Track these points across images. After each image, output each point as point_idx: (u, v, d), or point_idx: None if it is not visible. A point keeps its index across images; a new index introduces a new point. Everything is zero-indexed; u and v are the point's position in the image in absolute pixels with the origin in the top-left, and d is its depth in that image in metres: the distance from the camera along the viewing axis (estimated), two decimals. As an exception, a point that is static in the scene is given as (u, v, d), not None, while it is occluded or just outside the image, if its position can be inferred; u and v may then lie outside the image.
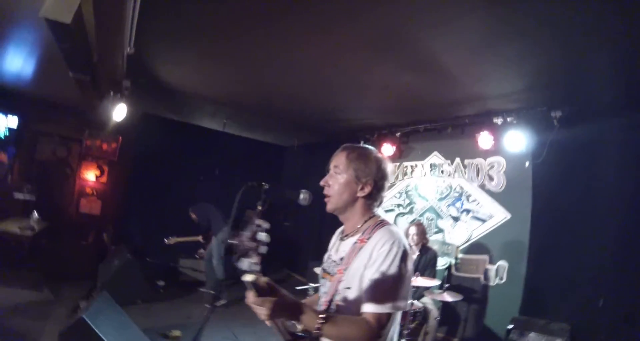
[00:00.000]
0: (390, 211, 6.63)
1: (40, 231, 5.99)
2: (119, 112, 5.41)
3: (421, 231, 4.98)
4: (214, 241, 6.05)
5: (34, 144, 7.16)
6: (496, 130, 5.03)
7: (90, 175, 7.47)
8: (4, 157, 6.82)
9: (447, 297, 4.25)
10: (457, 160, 5.79)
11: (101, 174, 7.56)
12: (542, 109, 4.54)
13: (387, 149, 6.38)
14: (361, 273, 1.48)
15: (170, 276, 6.95)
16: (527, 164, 4.86)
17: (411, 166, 6.49)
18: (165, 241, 6.24)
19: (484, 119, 5.18)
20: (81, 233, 7.10)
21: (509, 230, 5.01)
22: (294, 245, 8.76)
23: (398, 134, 6.42)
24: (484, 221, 5.29)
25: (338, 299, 1.54)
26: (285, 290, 1.40)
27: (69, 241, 6.75)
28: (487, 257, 5.15)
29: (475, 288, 5.17)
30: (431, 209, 6.06)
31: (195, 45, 4.19)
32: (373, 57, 3.92)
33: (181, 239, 6.31)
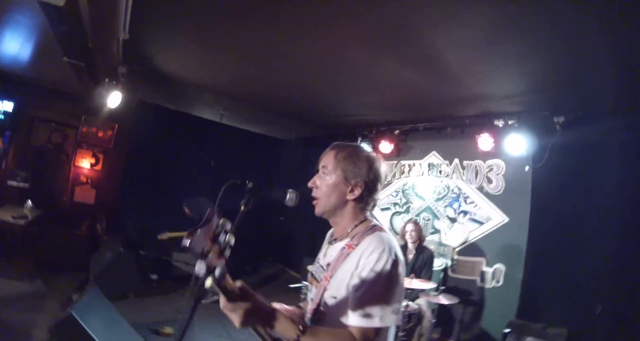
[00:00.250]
0: (387, 209, 6.57)
1: (33, 220, 5.89)
2: (113, 99, 5.31)
3: (418, 229, 4.99)
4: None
5: (29, 130, 7.01)
6: (497, 132, 4.99)
7: (85, 163, 7.32)
8: (-1, 142, 6.70)
9: (443, 300, 4.21)
10: (456, 161, 5.73)
11: (96, 162, 7.41)
12: (545, 114, 4.50)
13: (385, 147, 6.33)
14: (347, 282, 1.38)
15: (163, 269, 6.85)
16: (526, 168, 4.83)
17: (409, 165, 6.42)
18: (157, 237, 6.18)
19: (484, 121, 5.14)
20: (74, 222, 6.97)
21: (506, 233, 4.98)
22: (288, 240, 8.72)
23: (397, 131, 6.35)
24: (481, 223, 5.25)
25: (324, 308, 1.45)
26: (279, 287, 1.31)
27: (61, 231, 6.61)
28: (484, 259, 5.12)
29: (471, 290, 5.15)
30: (428, 209, 6.01)
31: (193, 33, 4.06)
32: (376, 52, 3.83)
33: (174, 234, 6.23)
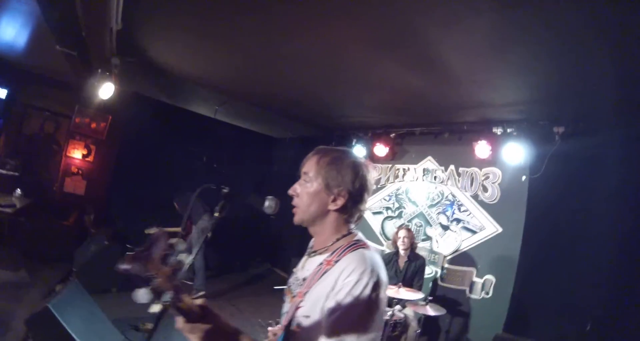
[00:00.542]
0: (379, 213, 6.46)
1: (21, 209, 5.79)
2: (105, 91, 5.22)
3: (411, 236, 4.92)
4: (193, 231, 5.88)
5: (22, 118, 6.92)
6: (495, 140, 4.90)
7: (76, 153, 7.28)
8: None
9: (430, 311, 4.09)
10: (452, 167, 5.62)
11: (88, 153, 7.38)
12: (545, 123, 4.41)
13: (380, 150, 6.23)
14: (322, 304, 1.24)
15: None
16: (523, 178, 4.72)
17: (403, 169, 6.31)
18: (145, 232, 6.09)
19: (483, 128, 5.04)
20: (63, 213, 6.87)
21: (499, 244, 4.86)
22: (278, 240, 8.61)
23: (393, 135, 6.24)
24: (474, 232, 5.14)
25: (295, 326, 1.32)
26: (266, 287, 1.20)
27: (49, 221, 6.52)
28: (474, 270, 5.01)
29: (459, 300, 5.05)
30: (421, 215, 5.90)
31: (188, 25, 3.93)
32: (377, 52, 3.72)
33: (162, 230, 6.13)
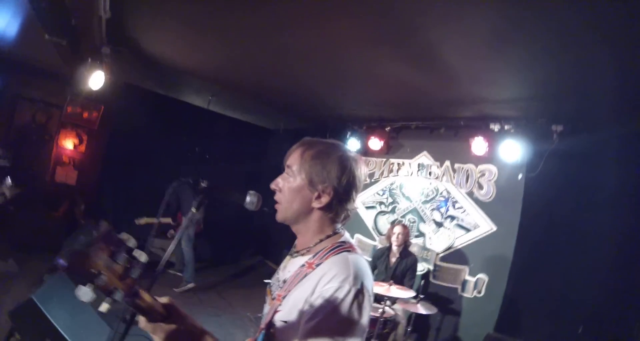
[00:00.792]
0: (372, 208, 6.38)
1: (11, 198, 5.71)
2: (96, 81, 5.09)
3: (406, 232, 4.85)
4: (183, 222, 5.82)
5: (13, 108, 6.81)
6: (491, 137, 4.80)
7: (68, 143, 7.15)
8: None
9: (421, 309, 4.01)
10: (447, 163, 5.53)
11: (80, 143, 7.25)
12: (543, 121, 4.32)
13: (374, 143, 6.14)
14: (300, 309, 1.14)
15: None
16: (520, 176, 4.63)
17: (398, 164, 6.21)
18: (135, 222, 6.03)
19: (480, 124, 4.95)
20: (54, 203, 6.79)
21: (493, 243, 4.79)
22: (270, 232, 8.51)
23: (388, 128, 6.14)
24: (468, 230, 5.07)
25: (273, 330, 1.22)
26: (257, 279, 1.10)
27: (39, 211, 6.43)
28: (467, 268, 4.95)
29: (451, 298, 4.99)
30: (414, 211, 5.82)
31: (179, 15, 3.81)
32: (373, 46, 3.62)
33: (151, 220, 6.08)
